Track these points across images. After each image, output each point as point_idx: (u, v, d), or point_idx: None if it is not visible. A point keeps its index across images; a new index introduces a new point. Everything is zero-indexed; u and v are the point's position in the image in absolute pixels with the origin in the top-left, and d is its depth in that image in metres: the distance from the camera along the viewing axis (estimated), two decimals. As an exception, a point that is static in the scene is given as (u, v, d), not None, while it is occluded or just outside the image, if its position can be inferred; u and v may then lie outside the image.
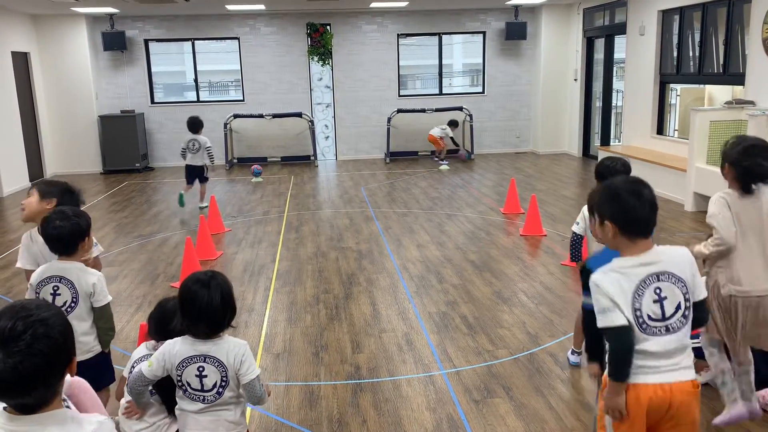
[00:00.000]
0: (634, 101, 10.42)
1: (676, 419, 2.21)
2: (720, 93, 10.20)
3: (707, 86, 10.50)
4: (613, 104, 12.03)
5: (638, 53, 10.23)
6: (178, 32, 12.62)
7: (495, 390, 3.73)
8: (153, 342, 2.66)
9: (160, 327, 2.66)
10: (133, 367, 2.63)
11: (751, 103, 7.52)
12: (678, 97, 11.21)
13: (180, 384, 2.37)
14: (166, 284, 5.75)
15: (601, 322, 2.18)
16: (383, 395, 3.72)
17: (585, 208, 3.70)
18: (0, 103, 10.37)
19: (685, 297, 2.19)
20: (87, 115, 12.28)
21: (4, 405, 1.47)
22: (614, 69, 11.83)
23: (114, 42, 12.14)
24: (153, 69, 12.86)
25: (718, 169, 7.89)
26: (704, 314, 2.31)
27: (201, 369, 2.34)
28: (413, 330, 4.63)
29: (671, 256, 2.21)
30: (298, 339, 4.55)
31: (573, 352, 4.03)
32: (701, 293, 2.26)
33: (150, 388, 2.50)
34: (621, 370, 2.19)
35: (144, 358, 2.56)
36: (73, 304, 2.92)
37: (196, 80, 13.03)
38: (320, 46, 12.77)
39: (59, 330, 1.46)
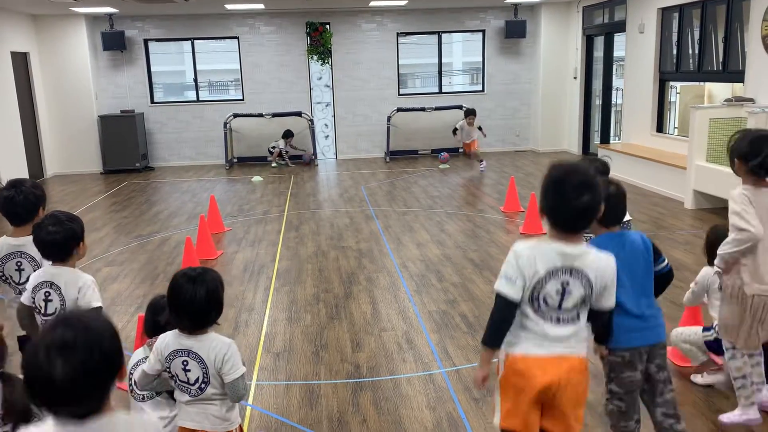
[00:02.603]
0: (634, 99, 10.41)
1: (563, 394, 2.24)
2: (720, 90, 10.20)
3: (707, 84, 10.50)
4: (613, 102, 12.03)
5: (638, 51, 10.22)
6: (178, 32, 12.62)
7: (494, 386, 3.72)
8: (147, 342, 2.69)
9: (152, 322, 2.70)
10: (132, 370, 2.65)
11: (751, 100, 7.52)
12: (678, 95, 11.20)
13: (170, 375, 2.41)
14: (167, 284, 5.73)
15: (499, 285, 2.26)
16: (383, 394, 3.72)
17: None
18: (0, 103, 10.37)
19: (583, 299, 2.24)
20: (87, 115, 12.29)
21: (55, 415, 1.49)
22: (614, 67, 11.83)
23: (113, 42, 12.14)
24: (153, 69, 12.86)
25: (717, 167, 7.93)
26: (605, 327, 2.39)
27: (185, 363, 2.38)
28: (413, 329, 4.63)
29: (595, 259, 2.23)
30: (298, 338, 4.55)
31: None
32: (607, 304, 2.30)
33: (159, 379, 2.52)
34: (494, 336, 2.30)
35: (142, 361, 2.59)
36: (62, 311, 2.82)
37: (195, 80, 13.03)
38: (320, 45, 12.77)
39: (110, 337, 1.52)
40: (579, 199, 2.14)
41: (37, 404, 1.50)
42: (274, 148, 12.48)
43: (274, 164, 12.42)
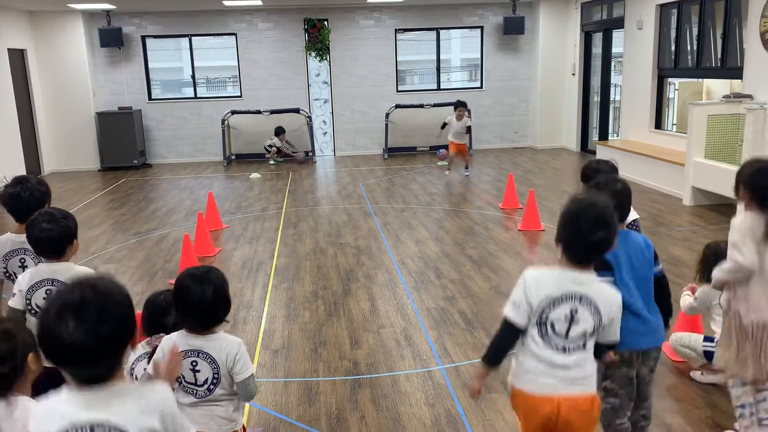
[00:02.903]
0: (633, 95, 10.41)
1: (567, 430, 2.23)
2: (718, 87, 10.19)
3: (705, 80, 10.49)
4: (612, 99, 12.02)
5: (636, 47, 10.21)
6: (175, 28, 12.59)
7: (493, 385, 3.73)
8: (146, 340, 2.66)
9: (153, 321, 2.66)
10: (132, 368, 2.62)
11: (749, 96, 7.51)
12: (676, 92, 11.19)
13: (177, 377, 2.37)
14: (165, 281, 5.74)
15: (506, 309, 2.28)
16: (382, 391, 3.72)
17: None
18: (-3, 100, 10.35)
19: (592, 329, 2.23)
20: (84, 112, 12.25)
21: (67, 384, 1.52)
22: (612, 63, 11.81)
23: (111, 38, 12.10)
24: (150, 65, 12.83)
25: (716, 163, 7.93)
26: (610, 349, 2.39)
27: (194, 363, 2.35)
28: (412, 325, 4.63)
29: (602, 290, 2.26)
30: (296, 335, 4.54)
31: None
32: (611, 338, 2.31)
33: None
34: (494, 356, 2.32)
35: (141, 357, 2.56)
36: None
37: (193, 76, 13.00)
38: (318, 42, 12.74)
39: (125, 298, 1.54)
40: (594, 234, 2.18)
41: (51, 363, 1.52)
42: (270, 146, 12.46)
43: (272, 162, 12.39)
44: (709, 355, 3.54)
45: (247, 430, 2.79)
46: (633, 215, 3.64)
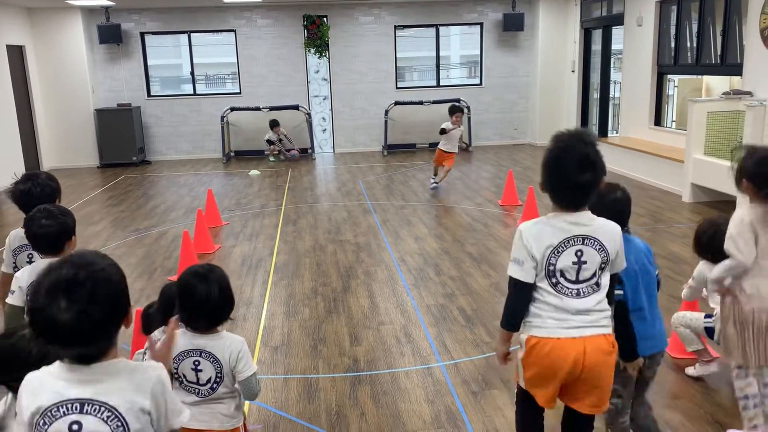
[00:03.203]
0: (632, 92, 10.40)
1: (588, 379, 2.21)
2: (718, 84, 10.19)
3: (705, 77, 10.49)
4: (611, 95, 12.01)
5: (636, 44, 10.20)
6: (175, 25, 12.56)
7: (493, 382, 3.73)
8: (161, 330, 2.62)
9: (168, 312, 2.62)
10: (144, 353, 2.61)
11: (749, 93, 7.51)
12: (676, 88, 11.19)
13: (176, 376, 2.37)
14: (164, 278, 5.74)
15: (509, 269, 2.23)
16: (381, 388, 3.73)
17: None
18: (-5, 96, 10.33)
19: (600, 266, 2.20)
20: (83, 108, 12.24)
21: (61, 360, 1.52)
22: (612, 60, 11.80)
23: (110, 35, 12.08)
24: (149, 62, 12.81)
25: (715, 160, 7.91)
26: (627, 332, 2.36)
27: (197, 363, 2.34)
28: (411, 322, 4.63)
29: (602, 225, 2.22)
30: (296, 332, 4.55)
31: None
32: (618, 268, 2.29)
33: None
34: (512, 320, 2.27)
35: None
36: None
37: (192, 73, 12.98)
38: (317, 39, 12.72)
39: (118, 277, 1.53)
40: (582, 176, 2.14)
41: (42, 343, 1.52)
42: (271, 143, 12.39)
43: (271, 159, 12.36)
44: (710, 332, 3.51)
45: (247, 427, 2.79)
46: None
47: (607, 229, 2.22)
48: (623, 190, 2.69)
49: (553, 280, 2.18)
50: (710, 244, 3.20)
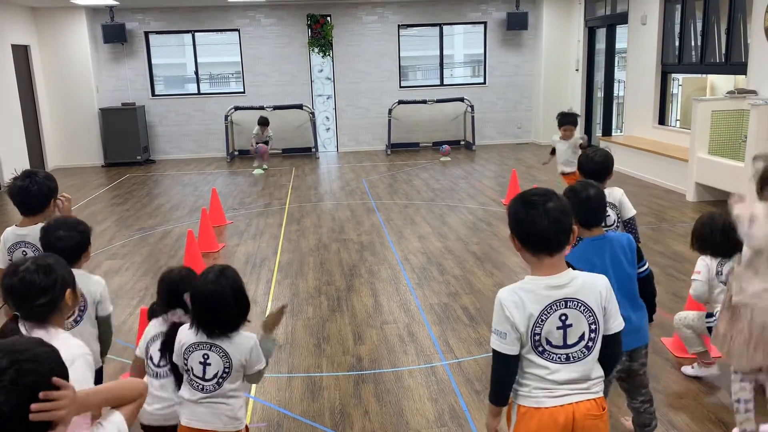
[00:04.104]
0: (636, 91, 10.38)
1: None
2: (722, 82, 10.17)
3: (709, 76, 10.46)
4: (615, 94, 11.99)
5: (640, 43, 10.18)
6: (179, 24, 12.59)
7: (496, 381, 3.74)
8: (162, 318, 2.63)
9: (169, 297, 2.61)
10: (148, 347, 2.62)
11: (754, 92, 7.49)
12: (680, 87, 11.18)
13: (186, 369, 2.39)
14: (168, 277, 5.75)
15: (494, 343, 2.08)
16: (385, 386, 3.74)
17: None
18: (1, 96, 10.36)
19: (590, 328, 2.05)
20: (88, 107, 12.28)
21: None
22: (616, 59, 11.79)
23: (114, 34, 12.12)
24: (153, 61, 12.84)
25: (719, 159, 7.90)
26: (615, 350, 2.16)
27: (206, 356, 2.35)
28: (415, 321, 4.64)
29: (584, 282, 2.05)
30: (300, 331, 4.56)
31: None
32: (615, 326, 2.10)
33: (167, 366, 2.53)
34: (500, 395, 2.13)
35: (158, 336, 2.57)
36: (81, 312, 2.79)
37: (196, 72, 13.01)
38: (321, 38, 12.73)
39: (49, 367, 1.38)
40: (541, 207, 1.98)
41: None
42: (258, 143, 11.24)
43: (255, 165, 11.18)
44: (712, 331, 3.51)
45: (249, 429, 2.79)
46: (631, 212, 3.69)
47: (589, 286, 2.05)
48: (596, 187, 2.69)
49: (540, 349, 2.05)
50: (710, 239, 3.28)
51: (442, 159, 11.70)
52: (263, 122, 11.38)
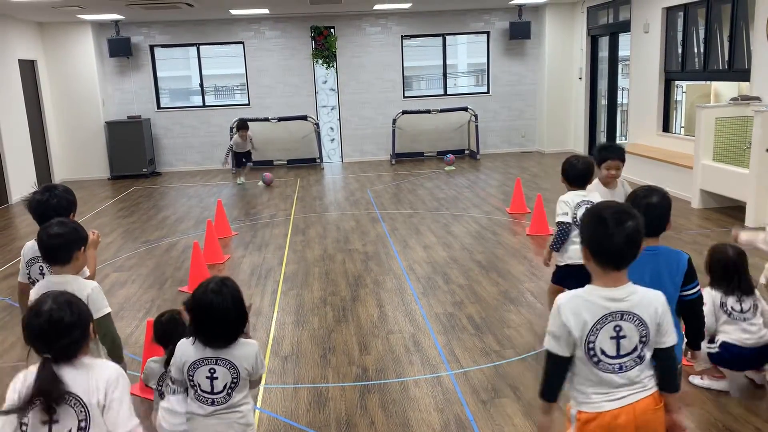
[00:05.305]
0: (640, 99, 10.39)
1: None
2: (726, 89, 10.16)
3: (713, 83, 10.46)
4: (619, 102, 12.00)
5: (643, 51, 10.20)
6: (183, 37, 12.69)
7: (503, 390, 3.73)
8: (156, 359, 2.75)
9: (165, 339, 2.75)
10: (159, 389, 2.72)
11: (757, 99, 7.49)
12: (684, 94, 11.17)
13: (192, 384, 2.40)
14: (174, 289, 5.78)
15: (548, 344, 2.17)
16: (391, 396, 3.73)
17: (566, 197, 3.98)
18: (8, 110, 10.45)
19: (641, 340, 2.12)
20: (94, 121, 12.36)
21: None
22: (619, 67, 11.80)
23: (119, 48, 12.22)
24: (159, 74, 12.93)
25: (724, 166, 7.89)
26: (671, 362, 2.22)
27: (212, 371, 2.36)
28: (420, 331, 4.64)
29: (642, 298, 2.12)
30: (305, 341, 4.56)
31: None
32: (668, 341, 2.17)
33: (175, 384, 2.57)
34: (552, 392, 2.21)
35: (162, 380, 2.67)
36: None
37: (201, 85, 13.10)
38: (324, 49, 12.80)
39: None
40: (621, 225, 2.04)
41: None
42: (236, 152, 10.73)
43: (239, 181, 10.93)
44: (713, 357, 3.54)
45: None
46: (585, 196, 3.90)
47: (646, 302, 2.13)
48: (660, 194, 2.59)
49: (595, 359, 2.13)
50: (725, 274, 3.47)
51: (446, 168, 11.71)
52: (243, 125, 10.62)
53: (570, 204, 3.92)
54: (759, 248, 2.98)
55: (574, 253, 3.87)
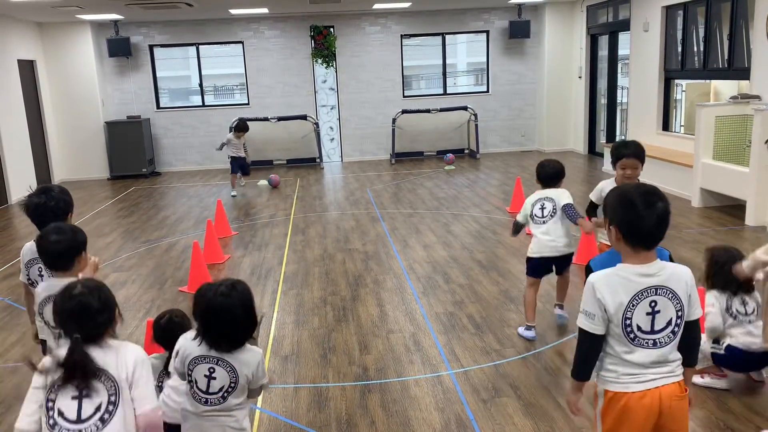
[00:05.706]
0: (640, 97, 10.39)
1: (665, 425, 2.21)
2: (726, 88, 10.16)
3: (713, 81, 10.46)
4: (619, 101, 12.00)
5: (642, 49, 10.20)
6: (183, 37, 12.68)
7: (503, 389, 3.73)
8: (157, 355, 2.75)
9: (165, 340, 2.74)
10: (160, 385, 2.72)
11: (757, 97, 7.49)
12: (683, 93, 11.17)
13: (189, 380, 2.39)
14: (174, 289, 5.78)
15: (579, 319, 2.19)
16: (391, 396, 3.73)
17: (529, 198, 4.45)
18: (7, 111, 10.45)
19: (677, 314, 2.16)
20: (93, 121, 12.35)
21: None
22: (619, 65, 11.80)
23: (119, 48, 12.21)
24: (158, 74, 12.92)
25: (724, 165, 7.88)
26: (696, 333, 2.28)
27: (212, 370, 2.34)
28: (420, 330, 4.64)
29: (673, 272, 2.17)
30: (306, 341, 4.56)
31: (527, 327, 4.40)
32: (696, 313, 2.22)
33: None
34: (584, 370, 2.25)
35: (162, 377, 2.67)
36: None
37: (201, 85, 13.09)
38: (324, 49, 12.80)
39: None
40: (652, 207, 2.09)
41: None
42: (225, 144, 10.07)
43: (233, 193, 10.15)
44: (716, 358, 3.55)
45: None
46: (566, 199, 4.28)
47: (676, 276, 2.17)
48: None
49: (631, 335, 2.15)
50: (726, 276, 3.47)
51: (446, 168, 11.71)
52: (242, 127, 10.03)
53: (526, 205, 4.52)
54: (763, 260, 2.97)
55: (536, 246, 4.41)
